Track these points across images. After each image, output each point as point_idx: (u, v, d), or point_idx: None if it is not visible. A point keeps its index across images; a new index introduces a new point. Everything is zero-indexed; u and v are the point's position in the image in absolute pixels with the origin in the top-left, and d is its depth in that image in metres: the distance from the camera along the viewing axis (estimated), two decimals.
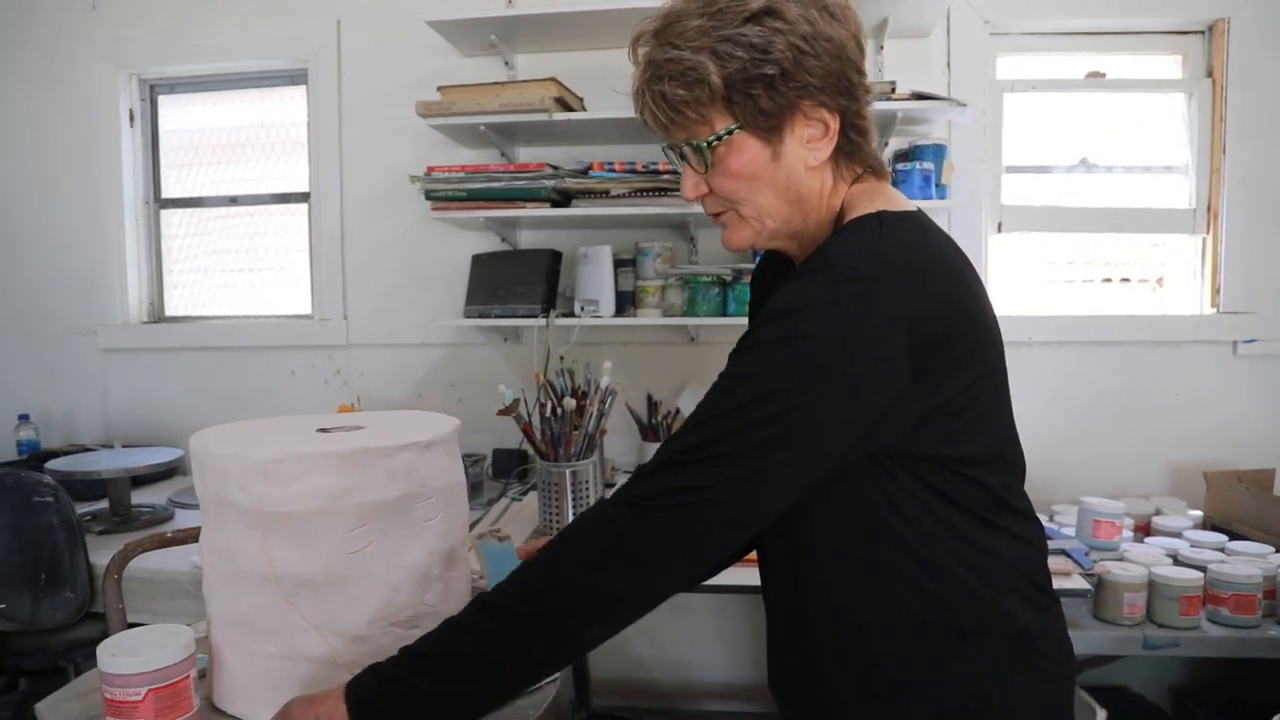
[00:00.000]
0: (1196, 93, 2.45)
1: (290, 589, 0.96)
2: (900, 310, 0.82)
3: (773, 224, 0.95)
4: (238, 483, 0.96)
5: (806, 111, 0.89)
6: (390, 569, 0.99)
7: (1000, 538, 0.94)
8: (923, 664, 0.93)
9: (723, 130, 0.89)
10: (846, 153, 0.94)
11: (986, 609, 0.93)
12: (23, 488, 1.86)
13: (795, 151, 0.91)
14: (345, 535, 0.96)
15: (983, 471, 0.92)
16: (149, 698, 0.93)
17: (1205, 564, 1.77)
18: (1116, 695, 2.25)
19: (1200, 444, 2.45)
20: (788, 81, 0.87)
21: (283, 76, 2.87)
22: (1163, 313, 2.54)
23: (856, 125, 0.93)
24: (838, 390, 0.82)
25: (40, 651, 1.93)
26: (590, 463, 1.84)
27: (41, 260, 2.93)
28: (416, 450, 1.01)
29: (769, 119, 0.88)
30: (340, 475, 0.95)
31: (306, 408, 2.78)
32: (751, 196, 0.93)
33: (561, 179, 2.29)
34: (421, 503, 1.03)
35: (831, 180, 0.95)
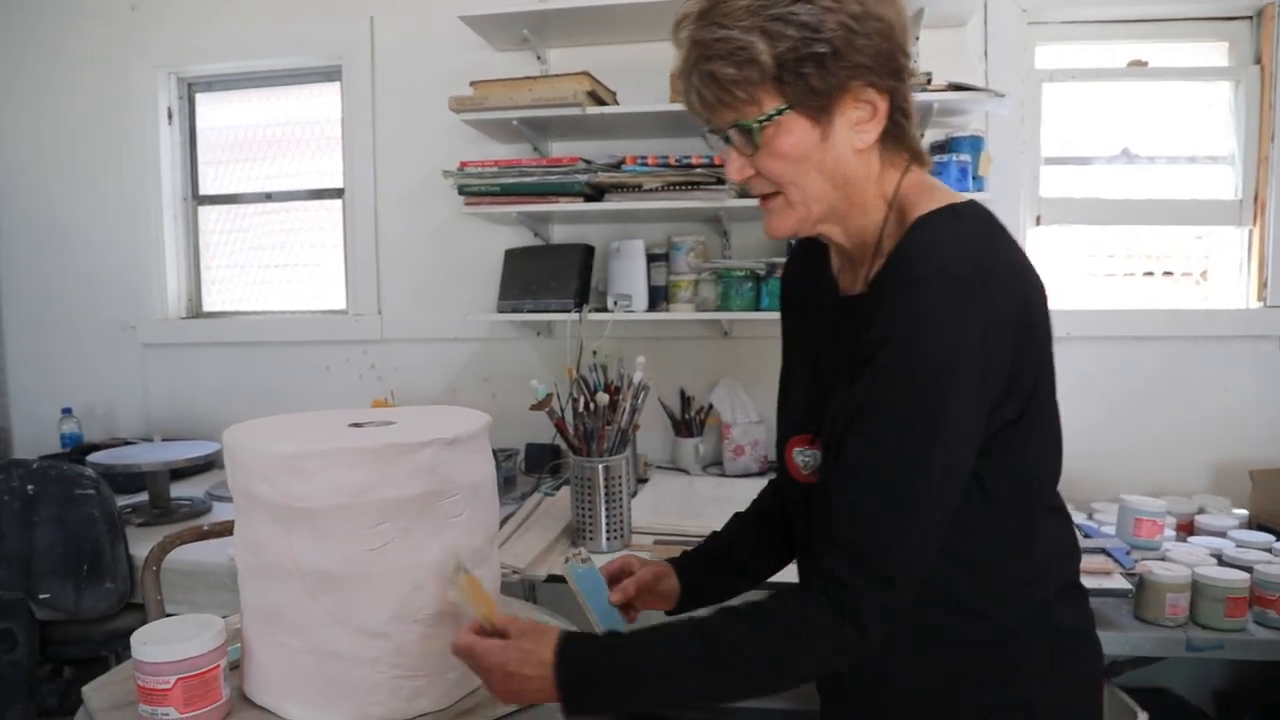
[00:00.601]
0: (1244, 80, 2.39)
1: (313, 584, 0.97)
2: (1006, 308, 0.84)
3: (819, 209, 0.94)
4: (262, 477, 0.97)
5: (856, 92, 0.88)
6: (412, 566, 0.99)
7: (1042, 535, 0.95)
8: (971, 662, 0.94)
9: (772, 110, 0.87)
10: (894, 137, 0.93)
11: (1031, 607, 0.94)
12: (66, 480, 1.89)
13: (844, 134, 0.90)
14: (366, 531, 0.96)
15: (1033, 466, 0.93)
16: (178, 686, 0.94)
17: (1251, 564, 1.73)
18: (1158, 697, 2.21)
19: (1245, 441, 2.39)
20: (839, 60, 0.85)
21: (317, 73, 2.89)
22: (1207, 307, 2.48)
23: (903, 108, 0.92)
24: (972, 400, 0.84)
25: (83, 641, 1.97)
26: (623, 458, 1.83)
27: (83, 257, 2.99)
28: (439, 447, 1.01)
29: (819, 99, 0.87)
30: (360, 471, 0.95)
31: (341, 402, 2.81)
32: (799, 179, 0.91)
33: (594, 173, 2.29)
34: (446, 500, 1.02)
35: (879, 166, 0.94)
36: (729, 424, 2.45)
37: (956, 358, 0.82)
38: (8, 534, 1.88)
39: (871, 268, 0.94)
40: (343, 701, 0.98)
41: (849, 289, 1.01)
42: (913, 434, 0.83)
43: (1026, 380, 0.87)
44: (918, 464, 0.83)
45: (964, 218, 0.90)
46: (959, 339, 0.82)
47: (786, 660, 0.87)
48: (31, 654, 1.89)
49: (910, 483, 0.84)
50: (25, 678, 1.89)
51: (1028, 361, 0.87)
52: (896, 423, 0.84)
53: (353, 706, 0.98)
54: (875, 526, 0.85)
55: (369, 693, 0.98)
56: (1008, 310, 0.84)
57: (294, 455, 0.95)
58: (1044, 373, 0.91)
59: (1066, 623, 0.97)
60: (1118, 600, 1.70)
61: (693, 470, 2.47)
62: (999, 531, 0.92)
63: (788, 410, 1.10)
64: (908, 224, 0.91)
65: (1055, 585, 0.97)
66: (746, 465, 2.44)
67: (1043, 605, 0.95)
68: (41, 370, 3.05)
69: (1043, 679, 0.94)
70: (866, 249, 0.96)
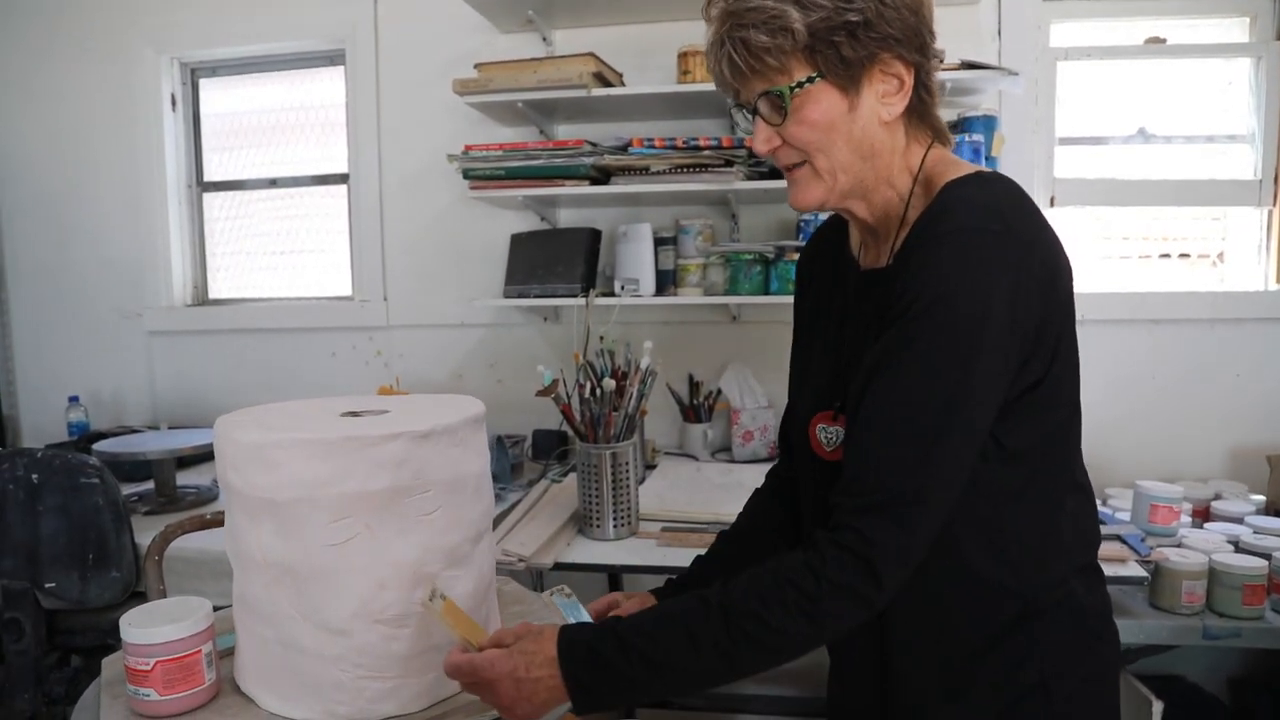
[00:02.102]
0: (1265, 56, 2.33)
1: (277, 576, 0.95)
2: (1034, 268, 0.86)
3: (845, 180, 0.94)
4: (232, 465, 0.96)
5: (884, 64, 0.90)
6: (376, 564, 0.95)
7: (1066, 509, 0.95)
8: (989, 639, 0.94)
9: (803, 78, 0.89)
10: (918, 112, 0.96)
11: (1051, 583, 0.94)
12: (70, 469, 1.88)
13: (871, 105, 0.92)
14: (328, 525, 0.92)
15: (1056, 435, 0.93)
16: (157, 669, 0.94)
17: (1270, 551, 1.70)
18: (1173, 685, 2.19)
19: (1263, 426, 2.36)
20: (869, 31, 0.88)
21: (321, 57, 2.87)
22: (1224, 289, 2.44)
23: (927, 85, 0.95)
24: (999, 353, 0.85)
25: (90, 630, 1.96)
26: (630, 444, 1.81)
27: (88, 245, 2.98)
28: (409, 440, 0.95)
29: (849, 69, 0.89)
30: (320, 463, 0.92)
31: (347, 389, 2.79)
32: (827, 148, 0.93)
33: (600, 156, 2.26)
34: (415, 496, 0.97)
35: (904, 140, 0.96)
36: (738, 409, 2.43)
37: (986, 309, 0.83)
38: (13, 523, 1.87)
39: (896, 240, 0.95)
40: (310, 697, 0.96)
41: (872, 264, 1.01)
42: (938, 381, 0.84)
43: (1050, 342, 0.88)
44: (942, 412, 0.84)
45: (993, 183, 0.92)
46: (989, 291, 0.83)
47: (804, 627, 0.85)
48: (38, 643, 1.89)
49: (933, 429, 0.84)
50: (33, 666, 1.89)
51: (1052, 326, 0.88)
52: (923, 370, 0.85)
53: (319, 703, 0.96)
54: (894, 470, 0.84)
55: (334, 691, 0.96)
56: (1035, 270, 0.86)
57: (258, 445, 0.93)
58: (1067, 341, 0.91)
59: (1087, 603, 0.97)
60: (1133, 587, 1.68)
61: (701, 456, 2.45)
62: (1022, 500, 0.92)
63: (807, 388, 1.09)
64: (934, 194, 0.92)
65: (1077, 563, 0.97)
66: (755, 451, 2.42)
67: (1063, 582, 0.95)
68: (48, 359, 3.05)
69: (1061, 660, 0.94)
70: (891, 222, 0.97)
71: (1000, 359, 0.85)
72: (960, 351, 0.83)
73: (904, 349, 0.86)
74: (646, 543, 1.76)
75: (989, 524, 0.92)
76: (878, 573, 0.83)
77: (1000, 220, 0.86)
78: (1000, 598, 0.93)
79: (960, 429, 0.84)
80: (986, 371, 0.84)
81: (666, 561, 1.67)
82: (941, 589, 0.93)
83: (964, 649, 0.95)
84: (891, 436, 0.85)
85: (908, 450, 0.84)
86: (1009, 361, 0.85)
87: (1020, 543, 0.92)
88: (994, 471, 0.90)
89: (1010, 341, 0.85)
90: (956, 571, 0.92)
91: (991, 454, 0.89)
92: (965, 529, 0.91)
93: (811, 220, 2.34)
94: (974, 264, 0.84)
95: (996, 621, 0.93)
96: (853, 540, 0.84)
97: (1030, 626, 0.93)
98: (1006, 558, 0.92)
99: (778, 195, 2.31)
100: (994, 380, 0.85)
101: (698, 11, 0.99)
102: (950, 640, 0.95)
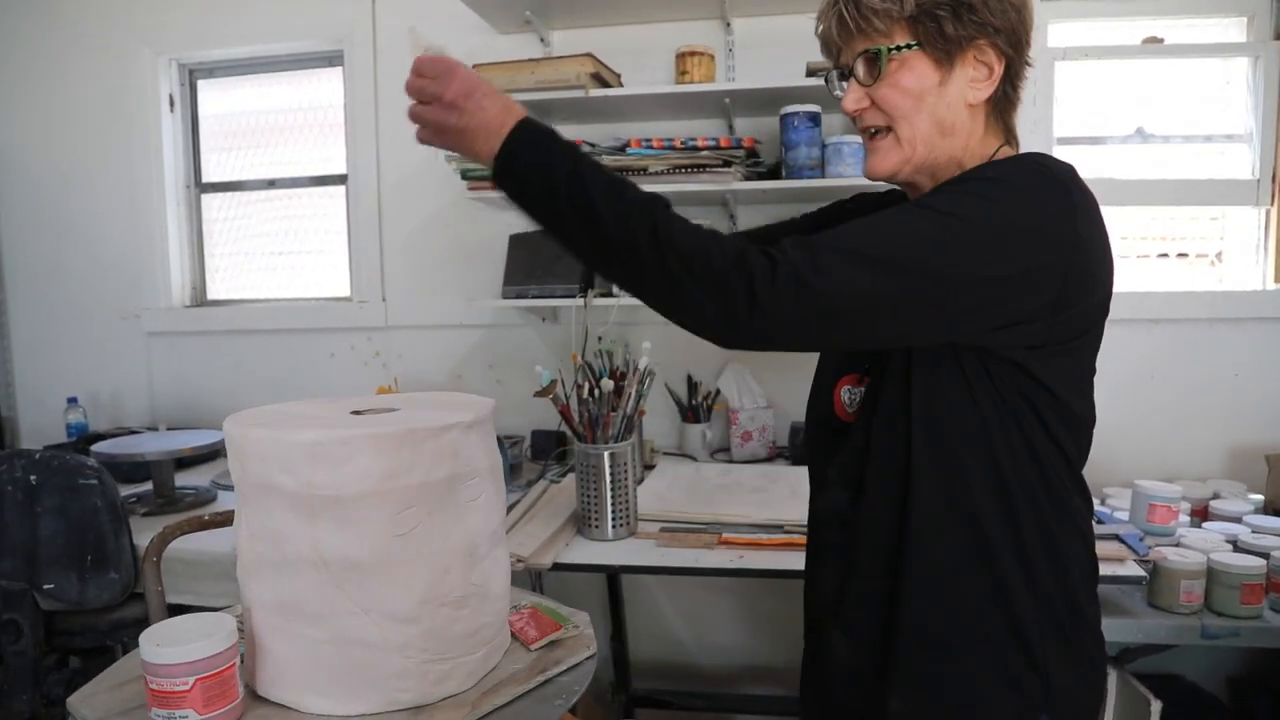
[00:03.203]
0: (1263, 56, 2.34)
1: (338, 573, 0.95)
2: (1073, 218, 0.87)
3: (923, 151, 0.98)
4: (281, 466, 0.94)
5: (979, 50, 0.95)
6: (439, 550, 0.99)
7: (1073, 491, 0.98)
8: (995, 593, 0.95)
9: (902, 43, 0.94)
10: (1001, 107, 1.00)
11: (1054, 555, 0.96)
12: (68, 470, 1.88)
13: (960, 85, 0.96)
14: (394, 517, 0.95)
15: (1074, 427, 0.96)
16: (196, 687, 0.92)
17: (1268, 550, 1.70)
18: (1171, 685, 2.19)
19: (1261, 425, 2.36)
20: (973, 14, 0.93)
21: (319, 58, 2.87)
22: (1222, 289, 2.44)
23: (1014, 83, 1.00)
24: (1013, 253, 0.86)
25: (89, 631, 1.96)
26: (629, 444, 1.81)
27: (87, 246, 2.98)
28: (461, 430, 1.01)
29: (947, 44, 0.94)
30: (388, 457, 0.94)
31: (346, 390, 2.80)
32: (911, 115, 0.96)
33: (599, 156, 2.25)
34: (466, 483, 1.02)
35: (983, 129, 1.00)
36: (736, 409, 2.43)
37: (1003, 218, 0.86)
38: (11, 524, 1.87)
39: None
40: (368, 690, 0.97)
41: None
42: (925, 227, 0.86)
43: (1075, 315, 0.90)
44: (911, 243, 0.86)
45: (1051, 163, 0.92)
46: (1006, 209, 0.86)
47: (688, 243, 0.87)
48: (37, 644, 1.89)
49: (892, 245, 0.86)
50: (31, 667, 1.89)
51: (1081, 289, 0.89)
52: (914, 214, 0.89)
53: (379, 694, 0.97)
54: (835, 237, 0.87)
55: (397, 679, 0.97)
56: (1077, 223, 0.87)
57: (317, 443, 0.93)
58: (1091, 327, 0.95)
59: (1091, 616, 1.00)
60: (1131, 587, 1.68)
61: (700, 456, 2.45)
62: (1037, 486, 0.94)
63: (834, 352, 1.13)
64: None
65: (1084, 582, 0.99)
66: (754, 451, 2.42)
67: (1074, 601, 0.97)
68: (47, 360, 3.05)
69: (1060, 671, 0.96)
70: None
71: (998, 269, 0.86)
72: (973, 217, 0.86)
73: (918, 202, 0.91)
74: (645, 543, 1.76)
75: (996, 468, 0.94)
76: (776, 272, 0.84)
77: (1061, 176, 0.89)
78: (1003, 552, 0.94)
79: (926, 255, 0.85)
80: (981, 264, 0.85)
81: (665, 562, 1.66)
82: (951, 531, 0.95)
83: (972, 593, 0.96)
84: (859, 232, 0.88)
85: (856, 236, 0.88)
86: (1007, 286, 0.86)
87: (1024, 495, 0.94)
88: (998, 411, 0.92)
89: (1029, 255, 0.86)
90: (966, 515, 0.95)
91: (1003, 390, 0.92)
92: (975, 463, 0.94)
93: None
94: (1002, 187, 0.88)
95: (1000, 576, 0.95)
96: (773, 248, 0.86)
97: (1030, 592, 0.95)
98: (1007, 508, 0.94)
99: (776, 195, 2.31)
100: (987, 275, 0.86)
101: (695, 12, 1.01)
102: (957, 583, 0.96)
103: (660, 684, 2.65)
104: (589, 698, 0.97)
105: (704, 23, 2.43)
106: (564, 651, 1.12)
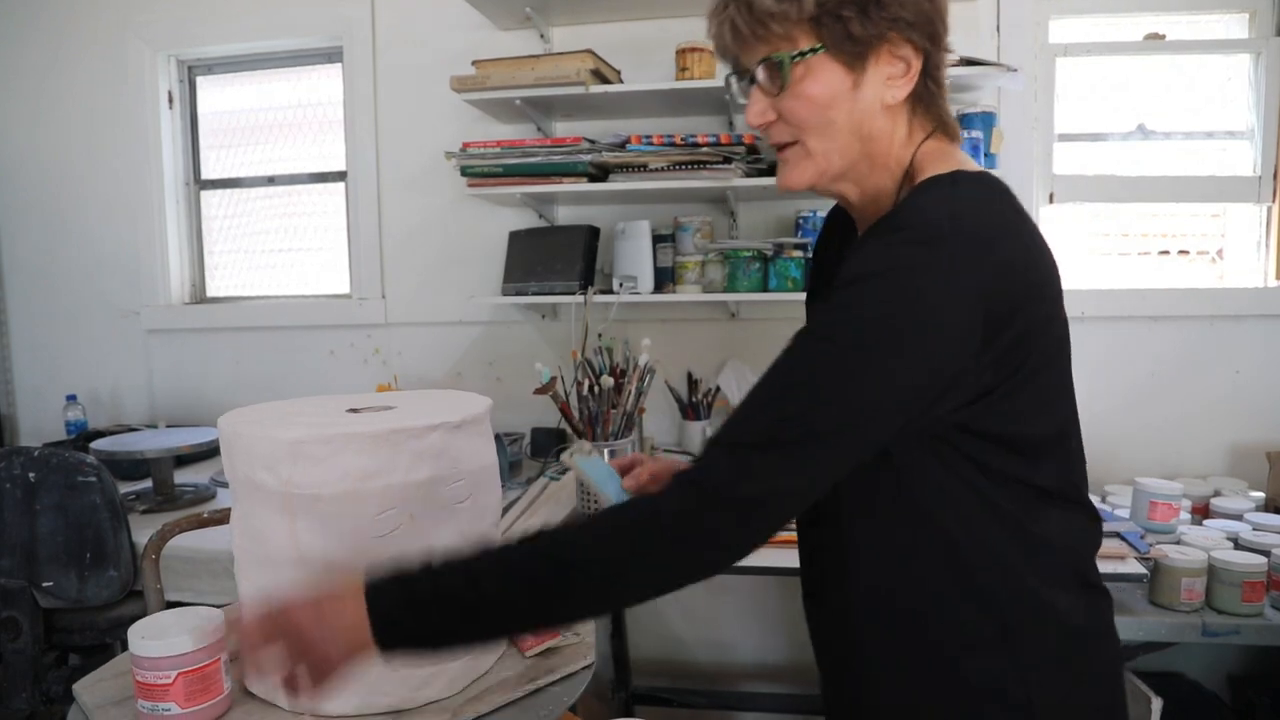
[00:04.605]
0: (1265, 52, 2.33)
1: (315, 572, 0.94)
2: (975, 278, 0.79)
3: (839, 162, 0.90)
4: (264, 464, 0.94)
5: (892, 46, 0.86)
6: (420, 553, 0.97)
7: (1051, 526, 0.90)
8: (962, 656, 0.89)
9: (806, 48, 0.86)
10: (924, 102, 0.91)
11: (1032, 603, 0.89)
12: (67, 468, 1.88)
13: (874, 86, 0.87)
14: (373, 518, 0.94)
15: (1039, 454, 0.88)
16: (179, 681, 0.92)
17: (1269, 548, 1.69)
18: (1172, 682, 2.19)
19: (1262, 423, 2.35)
20: (881, 10, 0.84)
21: (318, 55, 2.86)
22: (1223, 286, 2.43)
23: (935, 76, 0.91)
24: (913, 357, 0.79)
25: (88, 629, 1.96)
26: (628, 442, 1.81)
27: (86, 243, 2.97)
28: (446, 431, 0.99)
29: (856, 46, 0.85)
30: (367, 457, 0.93)
31: (346, 387, 2.79)
32: (823, 127, 0.88)
33: (599, 153, 2.25)
34: (451, 485, 1.00)
35: (905, 129, 0.92)
36: None
37: (908, 311, 0.79)
38: (10, 522, 1.87)
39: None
40: (348, 691, 0.96)
41: None
42: (827, 356, 0.81)
43: (1009, 360, 0.82)
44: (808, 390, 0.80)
45: (962, 184, 0.86)
46: (903, 293, 0.79)
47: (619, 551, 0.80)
48: (36, 641, 1.89)
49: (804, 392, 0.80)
50: (30, 665, 1.89)
51: (1006, 338, 0.81)
52: (815, 343, 0.82)
53: (358, 696, 0.97)
54: (757, 417, 0.82)
55: (377, 682, 0.97)
56: (980, 282, 0.79)
57: (297, 441, 0.93)
58: (1040, 348, 0.85)
59: (1080, 622, 0.92)
60: (1132, 585, 1.67)
61: None
62: (1000, 520, 0.87)
63: None
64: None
65: (1066, 581, 0.91)
66: None
67: (1049, 601, 0.89)
68: (46, 357, 3.05)
69: (1046, 679, 0.89)
70: (881, 210, 0.93)
71: (913, 365, 0.79)
72: (868, 341, 0.79)
73: (808, 329, 0.85)
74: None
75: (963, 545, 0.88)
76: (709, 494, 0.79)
77: (945, 227, 0.81)
78: (973, 618, 0.89)
79: (838, 410, 0.79)
80: (892, 374, 0.79)
81: None
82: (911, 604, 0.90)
83: (935, 662, 0.91)
84: (759, 389, 0.83)
85: (765, 402, 0.82)
86: (931, 368, 0.80)
87: (997, 565, 0.88)
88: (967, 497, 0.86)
89: (935, 347, 0.79)
90: (924, 587, 0.90)
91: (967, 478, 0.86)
92: (938, 547, 0.88)
93: (810, 217, 2.34)
94: (903, 268, 0.79)
95: (970, 640, 0.89)
96: (690, 471, 0.82)
97: (1008, 645, 0.88)
98: (981, 579, 0.88)
99: (776, 192, 2.31)
100: (901, 384, 0.80)
101: (695, 8, 0.96)
102: (921, 655, 0.91)
103: (660, 681, 2.65)
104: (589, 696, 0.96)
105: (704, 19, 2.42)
106: (560, 660, 1.09)
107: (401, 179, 2.75)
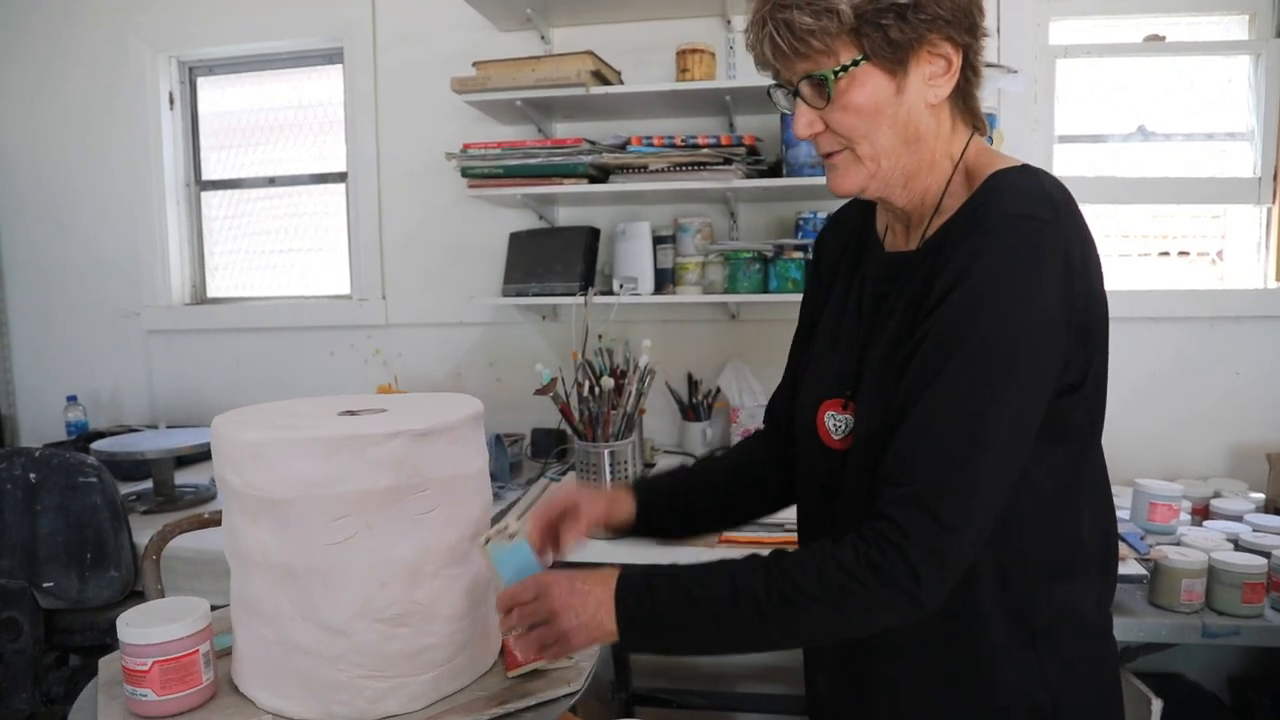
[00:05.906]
0: (1265, 54, 2.33)
1: (277, 576, 0.95)
2: (1083, 259, 0.85)
3: (888, 165, 0.91)
4: (231, 465, 0.96)
5: (932, 45, 0.87)
6: (376, 563, 0.95)
7: (1083, 520, 0.92)
8: (988, 659, 0.90)
9: (848, 61, 0.86)
10: (964, 95, 0.93)
11: (1060, 604, 0.90)
12: (68, 468, 1.88)
13: (918, 87, 0.89)
14: (328, 525, 0.93)
15: (1082, 440, 0.92)
16: (155, 669, 0.94)
17: (1269, 549, 1.69)
18: (1171, 683, 2.18)
19: (1262, 424, 2.35)
20: (918, 13, 0.85)
21: (319, 56, 2.86)
22: (1223, 287, 2.43)
23: (975, 66, 0.92)
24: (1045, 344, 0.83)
25: (88, 629, 1.96)
26: (629, 443, 1.81)
27: (87, 244, 2.97)
28: (408, 439, 0.96)
29: (896, 51, 0.86)
30: (321, 462, 0.92)
31: (346, 388, 2.79)
32: (871, 133, 0.89)
33: (599, 154, 2.25)
34: (415, 495, 0.97)
35: (950, 125, 0.93)
36: (736, 407, 2.43)
37: (1036, 303, 0.82)
38: (11, 522, 1.87)
39: (930, 227, 0.92)
40: (310, 697, 0.96)
41: (899, 248, 0.98)
42: (989, 374, 0.82)
43: (1094, 340, 0.87)
44: (992, 404, 0.81)
45: (1040, 174, 0.90)
46: (1040, 284, 0.82)
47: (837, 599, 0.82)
48: (36, 642, 1.89)
49: (983, 424, 0.81)
50: (31, 665, 1.89)
51: (1098, 322, 0.87)
52: (972, 363, 0.82)
53: (320, 703, 0.96)
54: (939, 467, 0.81)
55: (334, 690, 0.96)
56: (1088, 262, 0.85)
57: (256, 444, 0.93)
58: (1104, 343, 0.90)
59: (1098, 621, 0.94)
60: (1132, 586, 1.67)
61: (700, 454, 2.45)
62: (1039, 512, 0.89)
63: (815, 374, 1.05)
64: (976, 183, 0.90)
65: (1092, 580, 0.94)
66: None
67: (1074, 603, 0.91)
68: (46, 358, 3.05)
69: (1070, 682, 0.91)
70: (926, 209, 0.94)
71: (1048, 355, 0.83)
72: (1010, 341, 0.81)
73: (953, 338, 0.83)
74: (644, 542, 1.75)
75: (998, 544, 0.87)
76: (912, 563, 0.79)
77: (1051, 209, 0.84)
78: (1002, 621, 0.89)
79: (1011, 420, 0.82)
80: (1038, 360, 0.82)
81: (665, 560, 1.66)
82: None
83: (958, 667, 0.91)
84: (939, 428, 0.82)
85: (955, 447, 0.81)
86: (1057, 351, 0.84)
87: (1030, 562, 0.89)
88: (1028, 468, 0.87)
89: (1060, 337, 0.83)
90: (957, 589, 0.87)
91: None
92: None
93: (811, 218, 2.34)
94: (1025, 253, 0.82)
95: (997, 643, 0.90)
96: (887, 529, 0.81)
97: (1036, 649, 0.89)
98: (1013, 577, 0.89)
99: (776, 193, 2.31)
100: (1045, 370, 0.83)
101: (696, 10, 0.96)
102: (942, 661, 0.91)
103: (660, 682, 2.65)
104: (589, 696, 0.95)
105: (705, 20, 2.42)
106: (543, 684, 1.03)
107: (402, 180, 2.75)
